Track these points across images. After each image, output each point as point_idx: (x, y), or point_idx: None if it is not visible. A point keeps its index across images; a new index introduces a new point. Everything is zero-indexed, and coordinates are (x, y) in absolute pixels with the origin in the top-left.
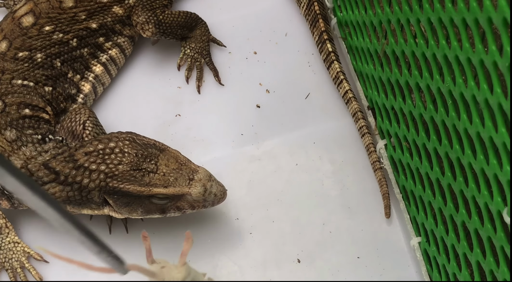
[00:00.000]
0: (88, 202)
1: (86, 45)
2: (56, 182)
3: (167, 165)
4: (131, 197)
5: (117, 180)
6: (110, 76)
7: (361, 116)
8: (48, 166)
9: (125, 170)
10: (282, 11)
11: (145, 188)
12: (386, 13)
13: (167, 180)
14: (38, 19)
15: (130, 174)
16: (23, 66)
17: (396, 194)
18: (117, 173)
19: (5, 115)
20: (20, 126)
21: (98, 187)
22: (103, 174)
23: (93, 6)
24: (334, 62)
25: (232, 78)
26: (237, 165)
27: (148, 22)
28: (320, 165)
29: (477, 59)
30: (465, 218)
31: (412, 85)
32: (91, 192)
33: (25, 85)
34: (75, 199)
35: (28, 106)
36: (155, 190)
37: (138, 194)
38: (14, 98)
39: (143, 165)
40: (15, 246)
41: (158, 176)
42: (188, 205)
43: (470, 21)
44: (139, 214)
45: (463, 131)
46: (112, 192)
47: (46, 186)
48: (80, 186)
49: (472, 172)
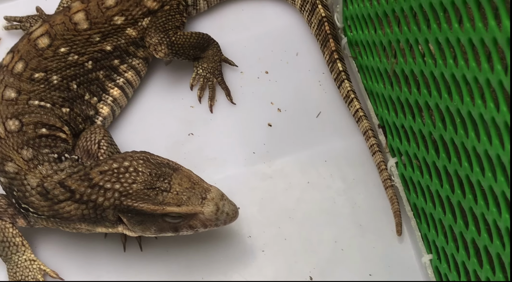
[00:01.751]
0: (103, 220)
1: (102, 68)
2: (72, 200)
3: (180, 184)
4: (144, 215)
5: (131, 198)
6: (127, 98)
7: (371, 134)
8: (64, 184)
9: (139, 189)
10: (293, 31)
11: (158, 206)
12: (395, 33)
13: (180, 199)
14: (54, 41)
15: (144, 193)
16: (39, 87)
17: (407, 211)
18: (131, 192)
19: (22, 134)
20: (37, 145)
21: (113, 205)
22: (117, 193)
23: (107, 28)
24: (345, 81)
25: (244, 97)
26: (249, 183)
27: (161, 43)
28: (332, 183)
29: (483, 78)
30: (474, 235)
31: (421, 103)
32: (106, 210)
33: (42, 106)
34: (90, 217)
35: (45, 126)
36: (168, 209)
37: (152, 212)
38: (31, 118)
39: (156, 184)
40: (31, 263)
41: (171, 195)
42: (201, 224)
43: (476, 41)
44: (152, 233)
45: (471, 149)
46: (126, 210)
47: (62, 204)
48: (95, 204)
49: (481, 189)
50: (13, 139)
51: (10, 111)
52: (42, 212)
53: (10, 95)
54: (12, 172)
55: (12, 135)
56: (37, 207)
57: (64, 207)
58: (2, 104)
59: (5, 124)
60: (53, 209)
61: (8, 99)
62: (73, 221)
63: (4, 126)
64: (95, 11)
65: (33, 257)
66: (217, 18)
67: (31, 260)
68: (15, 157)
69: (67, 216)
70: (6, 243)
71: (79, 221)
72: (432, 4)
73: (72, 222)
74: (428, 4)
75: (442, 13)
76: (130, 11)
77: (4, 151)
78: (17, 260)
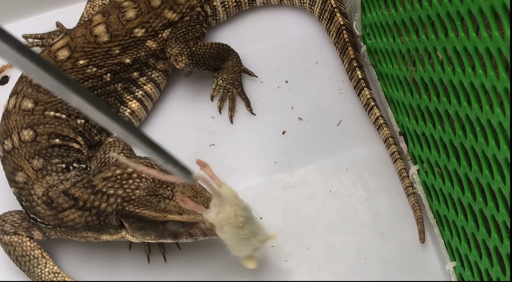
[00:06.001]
0: (106, 227)
1: (120, 80)
2: (75, 208)
3: (182, 192)
4: (146, 222)
5: (134, 204)
6: (147, 111)
7: (392, 142)
8: (68, 193)
9: (142, 195)
10: (312, 40)
11: (160, 214)
12: (413, 41)
13: (182, 207)
14: (73, 53)
15: (146, 200)
16: (56, 98)
17: (430, 219)
18: (134, 197)
19: (35, 144)
20: (48, 155)
21: (115, 211)
22: (120, 198)
23: (127, 41)
24: (364, 88)
25: (264, 107)
26: (271, 192)
27: (181, 54)
28: (353, 191)
29: (501, 86)
30: (497, 242)
31: (441, 111)
32: (109, 216)
33: (57, 117)
34: (93, 224)
35: (58, 136)
36: (170, 217)
37: (153, 219)
38: (45, 128)
39: (159, 191)
40: (55, 276)
41: (173, 202)
42: (200, 232)
43: (493, 50)
44: (152, 238)
45: (491, 157)
46: (128, 216)
47: (66, 213)
48: (98, 210)
49: (502, 197)
50: (26, 148)
51: (26, 121)
52: (48, 222)
53: (27, 106)
54: (21, 182)
55: (26, 144)
56: (43, 217)
57: (68, 215)
58: (19, 114)
59: (20, 133)
60: (58, 217)
61: (25, 109)
62: (78, 229)
63: (19, 135)
64: (115, 24)
65: (56, 269)
66: (236, 28)
67: (54, 272)
68: (25, 166)
69: (72, 224)
70: (26, 257)
71: (84, 229)
72: (449, 13)
73: (78, 230)
74: (445, 13)
75: (459, 22)
76: (151, 23)
77: (16, 161)
78: (41, 274)
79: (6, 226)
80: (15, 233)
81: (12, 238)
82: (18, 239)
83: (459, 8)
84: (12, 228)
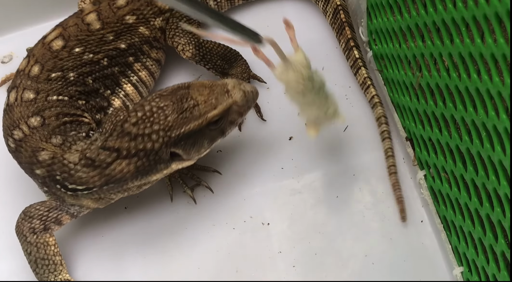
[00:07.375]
0: (156, 164)
1: (117, 64)
2: (121, 159)
3: (201, 94)
4: (193, 135)
5: (176, 128)
6: (142, 97)
7: (384, 121)
8: (106, 147)
9: (175, 118)
10: (318, 45)
11: (201, 119)
12: (419, 47)
13: (211, 104)
14: (68, 42)
15: (181, 118)
16: (57, 84)
17: (437, 224)
18: (171, 124)
19: (46, 127)
20: (63, 131)
21: (164, 143)
22: (162, 132)
23: (120, 27)
24: (361, 68)
25: (271, 113)
26: (278, 198)
27: (189, 43)
28: (361, 197)
29: (506, 92)
30: (504, 248)
31: (447, 116)
32: (158, 152)
33: (60, 99)
34: (144, 167)
35: (66, 115)
36: (210, 115)
37: (199, 127)
38: (51, 111)
39: (184, 106)
40: None
41: (202, 105)
42: (237, 114)
43: (498, 55)
44: (206, 147)
45: (498, 163)
46: (178, 141)
47: (112, 166)
48: (146, 152)
49: (508, 202)
50: (38, 133)
51: (31, 110)
52: (94, 183)
53: (29, 97)
54: (48, 159)
55: (37, 130)
56: (86, 181)
57: (115, 168)
58: (22, 106)
59: (28, 122)
60: (104, 174)
61: (27, 100)
62: (127, 180)
63: (27, 124)
64: (106, 11)
65: (68, 277)
66: None
67: (67, 280)
68: (45, 146)
69: (121, 176)
70: (46, 261)
71: (133, 177)
72: (454, 19)
73: (125, 182)
74: (450, 19)
75: (464, 28)
76: (141, 10)
77: (33, 145)
78: (53, 281)
79: (34, 222)
80: (45, 229)
81: (39, 239)
82: (43, 240)
83: (464, 14)
84: (42, 223)
